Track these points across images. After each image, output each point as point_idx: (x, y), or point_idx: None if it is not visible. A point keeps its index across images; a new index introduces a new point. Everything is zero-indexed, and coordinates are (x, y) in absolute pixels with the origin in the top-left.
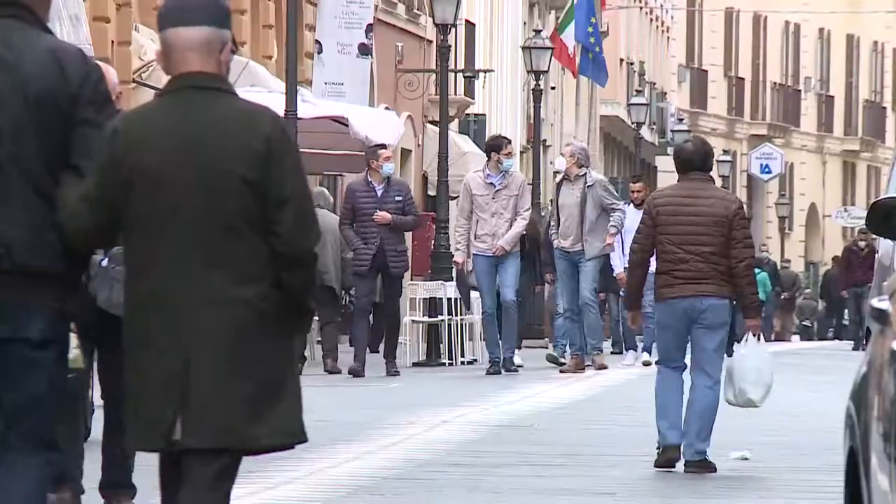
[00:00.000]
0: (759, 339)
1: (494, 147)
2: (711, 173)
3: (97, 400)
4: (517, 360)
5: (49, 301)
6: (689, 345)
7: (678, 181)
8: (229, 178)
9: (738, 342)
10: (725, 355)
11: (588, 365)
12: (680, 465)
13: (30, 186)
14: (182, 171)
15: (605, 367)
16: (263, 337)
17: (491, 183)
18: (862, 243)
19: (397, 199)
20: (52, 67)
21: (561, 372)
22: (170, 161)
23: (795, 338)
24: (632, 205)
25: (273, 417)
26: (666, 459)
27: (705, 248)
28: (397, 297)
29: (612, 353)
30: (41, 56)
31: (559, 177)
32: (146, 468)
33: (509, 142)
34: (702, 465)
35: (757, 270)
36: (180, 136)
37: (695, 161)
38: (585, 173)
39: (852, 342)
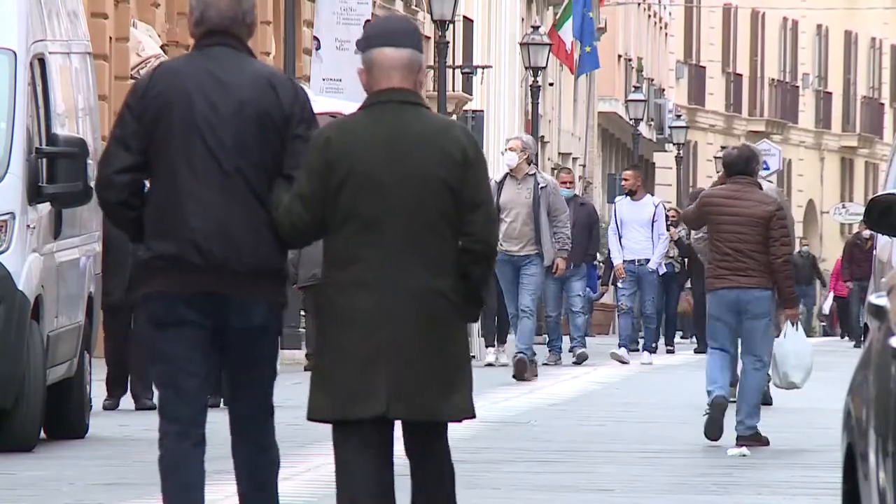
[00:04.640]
0: (796, 326)
1: None
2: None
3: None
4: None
5: (267, 294)
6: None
7: (725, 183)
8: (434, 183)
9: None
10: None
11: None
12: (732, 439)
13: (251, 193)
14: (393, 176)
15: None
16: (452, 324)
17: None
18: (866, 233)
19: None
20: (267, 90)
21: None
22: (381, 166)
23: None
24: (626, 196)
25: (455, 395)
26: (716, 411)
27: (746, 245)
28: None
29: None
30: (257, 80)
31: (500, 175)
32: (147, 465)
33: None
34: (754, 438)
35: None
36: (390, 143)
37: (738, 165)
38: (535, 172)
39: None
